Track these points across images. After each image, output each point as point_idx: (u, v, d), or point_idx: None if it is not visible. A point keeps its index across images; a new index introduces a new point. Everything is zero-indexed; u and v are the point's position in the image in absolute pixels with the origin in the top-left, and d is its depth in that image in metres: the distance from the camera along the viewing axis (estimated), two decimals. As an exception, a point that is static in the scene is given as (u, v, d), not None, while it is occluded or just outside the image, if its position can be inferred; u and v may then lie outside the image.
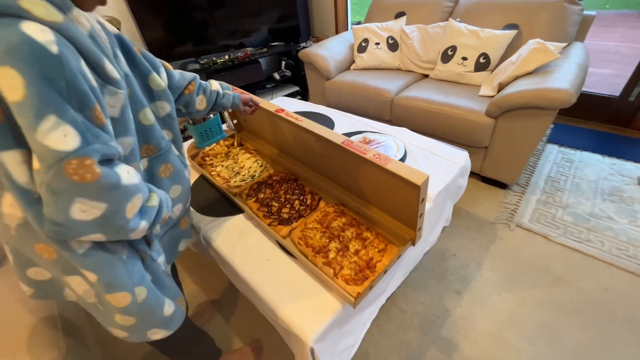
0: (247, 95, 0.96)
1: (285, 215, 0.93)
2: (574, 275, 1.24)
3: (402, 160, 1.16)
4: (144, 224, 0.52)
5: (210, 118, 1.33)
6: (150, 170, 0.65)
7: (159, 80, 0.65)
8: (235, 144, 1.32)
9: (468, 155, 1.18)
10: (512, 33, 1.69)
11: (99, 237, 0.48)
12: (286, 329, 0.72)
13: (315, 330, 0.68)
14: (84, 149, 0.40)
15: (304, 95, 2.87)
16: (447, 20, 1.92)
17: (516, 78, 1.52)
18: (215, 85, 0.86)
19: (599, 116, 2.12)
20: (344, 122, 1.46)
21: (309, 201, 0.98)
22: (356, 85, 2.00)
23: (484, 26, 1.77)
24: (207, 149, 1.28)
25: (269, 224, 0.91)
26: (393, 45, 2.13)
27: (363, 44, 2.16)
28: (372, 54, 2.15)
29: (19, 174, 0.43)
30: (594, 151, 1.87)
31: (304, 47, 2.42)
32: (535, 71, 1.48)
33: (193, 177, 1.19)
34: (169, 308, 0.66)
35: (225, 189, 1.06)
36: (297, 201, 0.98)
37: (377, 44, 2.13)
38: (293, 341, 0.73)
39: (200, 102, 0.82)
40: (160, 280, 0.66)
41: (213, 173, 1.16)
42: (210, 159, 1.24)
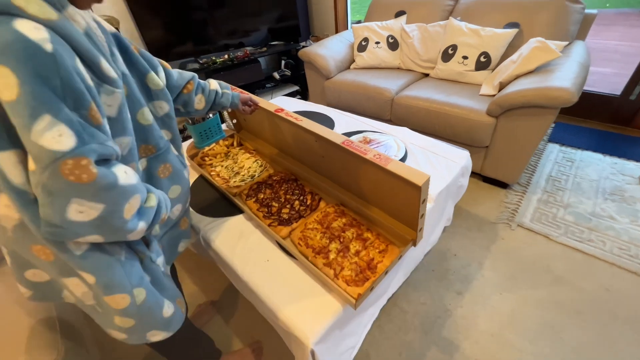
0: (246, 95, 0.95)
1: (285, 216, 0.93)
2: (575, 275, 1.23)
3: (403, 160, 1.15)
4: (142, 224, 0.51)
5: (209, 118, 1.32)
6: (149, 170, 0.65)
7: (157, 79, 0.65)
8: (235, 143, 1.31)
9: (469, 154, 1.18)
10: (513, 32, 1.68)
11: (96, 239, 0.47)
12: (286, 331, 0.71)
13: (316, 332, 0.67)
14: (80, 148, 0.40)
15: (303, 94, 2.86)
16: (448, 19, 1.92)
17: (517, 77, 1.51)
18: (214, 84, 0.85)
19: (599, 115, 2.12)
20: (344, 122, 1.45)
21: (309, 201, 0.97)
22: (356, 84, 2.00)
23: (484, 25, 1.76)
24: (207, 148, 1.27)
25: (269, 225, 0.90)
26: (393, 44, 2.12)
27: (363, 43, 2.15)
28: (372, 53, 2.14)
29: (15, 174, 0.43)
30: (595, 150, 1.86)
31: (304, 47, 2.41)
32: (537, 70, 1.47)
33: (192, 177, 1.18)
34: (168, 309, 0.66)
35: (224, 189, 1.06)
36: (297, 201, 0.97)
37: (377, 43, 2.12)
38: (293, 343, 0.72)
39: (199, 102, 0.81)
40: (159, 282, 0.65)
41: (212, 173, 1.15)
42: (210, 159, 1.23)
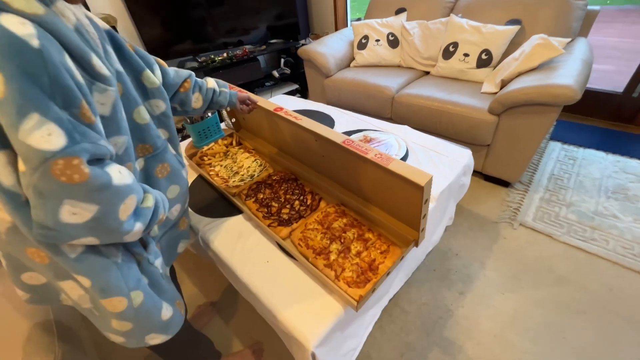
0: (245, 94, 0.94)
1: (285, 216, 0.92)
2: (578, 274, 1.22)
3: (404, 159, 1.14)
4: (139, 225, 0.50)
5: (208, 117, 1.31)
6: (147, 170, 0.64)
7: (153, 77, 0.63)
8: (234, 143, 1.30)
9: (471, 153, 1.16)
10: (515, 29, 1.66)
11: (91, 241, 0.46)
12: (286, 333, 0.70)
13: (317, 335, 0.66)
14: (70, 148, 0.38)
15: (303, 93, 2.84)
16: (449, 16, 1.90)
17: (519, 74, 1.50)
18: (211, 83, 0.84)
19: (602, 113, 2.10)
20: (344, 120, 1.44)
21: (309, 201, 0.96)
22: (356, 82, 1.98)
23: (485, 22, 1.74)
24: (206, 148, 1.26)
25: (269, 225, 0.89)
26: (393, 42, 2.10)
27: (363, 41, 2.13)
28: (372, 50, 2.12)
29: (4, 176, 0.41)
30: (597, 148, 1.85)
31: (303, 45, 2.39)
32: (539, 67, 1.46)
33: (191, 177, 1.17)
34: (166, 312, 0.64)
35: (223, 189, 1.04)
36: (297, 201, 0.96)
37: (378, 40, 2.11)
38: (294, 345, 0.71)
39: (196, 101, 0.80)
40: (157, 284, 0.64)
41: (211, 173, 1.14)
42: (209, 159, 1.22)
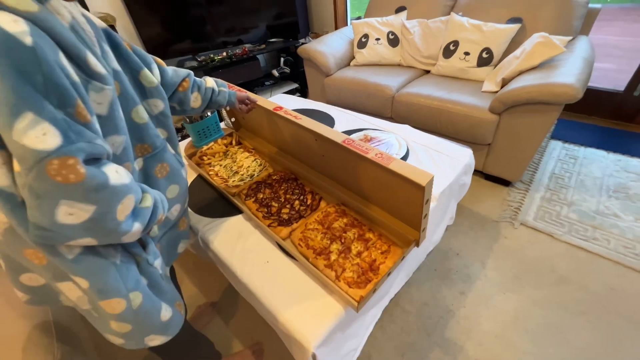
0: (244, 93, 0.93)
1: (285, 216, 0.91)
2: (579, 274, 1.22)
3: (405, 158, 1.13)
4: (137, 226, 0.49)
5: (207, 116, 1.30)
6: (146, 170, 0.63)
7: (151, 76, 0.63)
8: (234, 142, 1.29)
9: (472, 152, 1.16)
10: (516, 27, 1.65)
11: (89, 242, 0.45)
12: (287, 334, 0.70)
13: (317, 336, 0.65)
14: (65, 147, 0.38)
15: (303, 92, 2.84)
16: (449, 14, 1.89)
17: (520, 73, 1.49)
18: (210, 82, 0.83)
19: (603, 111, 2.09)
20: (344, 120, 1.43)
21: (309, 201, 0.95)
22: (356, 81, 1.97)
23: (486, 20, 1.73)
24: (205, 147, 1.25)
25: (269, 225, 0.88)
26: (394, 41, 2.09)
27: (363, 40, 2.12)
28: (373, 49, 2.11)
29: (-1, 176, 0.41)
30: (598, 147, 1.84)
31: (303, 44, 2.38)
32: (540, 66, 1.45)
33: (190, 177, 1.16)
34: (166, 313, 0.64)
35: (223, 188, 1.04)
36: (297, 201, 0.95)
37: (378, 39, 2.10)
38: (294, 346, 0.71)
39: (195, 100, 0.80)
40: (156, 285, 0.63)
41: (211, 172, 1.13)
42: (208, 158, 1.21)
